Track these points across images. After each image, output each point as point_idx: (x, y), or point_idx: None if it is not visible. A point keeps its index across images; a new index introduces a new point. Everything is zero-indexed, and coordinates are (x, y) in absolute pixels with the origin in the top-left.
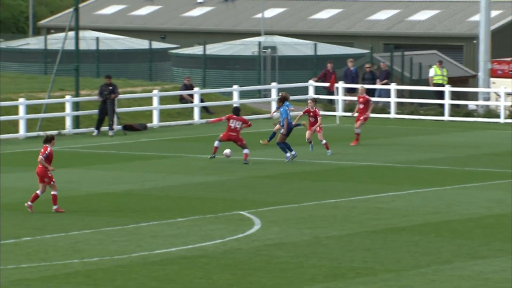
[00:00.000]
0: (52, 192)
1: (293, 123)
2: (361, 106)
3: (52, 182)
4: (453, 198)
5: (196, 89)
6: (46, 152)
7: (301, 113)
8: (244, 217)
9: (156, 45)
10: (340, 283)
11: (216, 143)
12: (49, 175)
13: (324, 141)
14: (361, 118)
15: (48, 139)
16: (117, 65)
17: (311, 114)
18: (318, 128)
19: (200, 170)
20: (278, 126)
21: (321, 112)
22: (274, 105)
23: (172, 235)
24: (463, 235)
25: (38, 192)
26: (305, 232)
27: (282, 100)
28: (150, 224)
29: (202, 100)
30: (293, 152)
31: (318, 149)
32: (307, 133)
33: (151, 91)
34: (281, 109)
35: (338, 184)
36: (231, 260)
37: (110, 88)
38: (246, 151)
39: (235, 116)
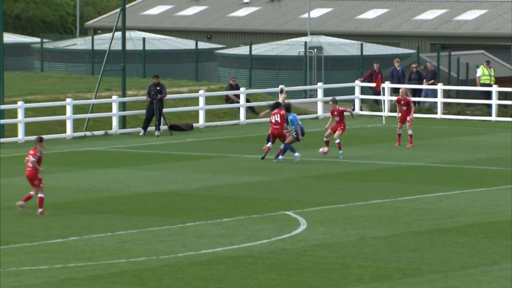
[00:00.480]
0: (39, 195)
1: (325, 127)
2: (404, 108)
3: (41, 184)
4: (500, 199)
5: (242, 89)
6: (37, 154)
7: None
8: (290, 217)
9: (202, 45)
10: (386, 283)
11: (269, 144)
12: (39, 177)
13: (337, 141)
14: (407, 119)
15: (39, 140)
16: (163, 65)
17: (335, 113)
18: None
19: (246, 170)
20: (291, 137)
21: (368, 113)
22: (320, 105)
23: (218, 235)
24: (510, 236)
25: (31, 193)
26: (351, 232)
27: (287, 109)
28: (196, 224)
29: (248, 100)
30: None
31: (362, 150)
32: (336, 133)
33: (197, 91)
34: (290, 117)
35: (384, 185)
36: (277, 260)
37: (158, 88)
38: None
39: (275, 111)
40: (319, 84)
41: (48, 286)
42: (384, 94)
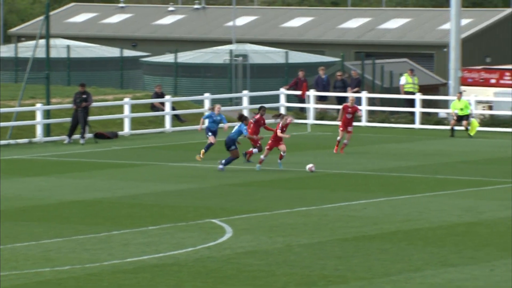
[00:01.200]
0: None
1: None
2: (349, 116)
3: None
4: (424, 206)
5: (167, 97)
6: None
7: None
8: (215, 225)
9: (127, 53)
10: None
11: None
12: None
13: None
14: (349, 129)
15: None
16: (88, 73)
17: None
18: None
19: (172, 178)
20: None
21: (294, 120)
22: (245, 113)
23: (144, 243)
24: (434, 243)
25: None
26: (277, 240)
27: (241, 119)
28: (122, 232)
29: (173, 108)
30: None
31: (288, 158)
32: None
33: (122, 99)
34: (238, 127)
35: (310, 192)
36: (203, 268)
37: (84, 96)
38: (254, 150)
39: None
40: (245, 92)
41: None
42: (309, 102)
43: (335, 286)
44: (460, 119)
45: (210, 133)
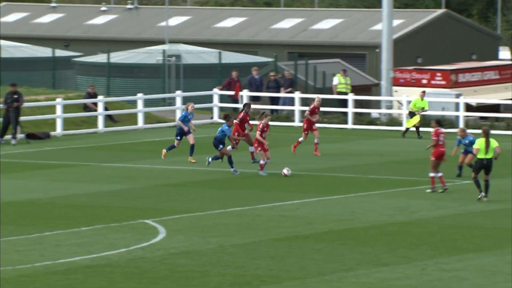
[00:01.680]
0: None
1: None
2: (315, 118)
3: None
4: (356, 206)
5: (100, 97)
6: None
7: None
8: (149, 225)
9: (60, 53)
10: None
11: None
12: None
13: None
14: (314, 127)
15: None
16: (19, 73)
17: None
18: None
19: (105, 179)
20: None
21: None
22: (178, 113)
23: (76, 244)
24: (366, 243)
25: None
26: (210, 240)
27: (225, 118)
28: (54, 233)
29: (106, 109)
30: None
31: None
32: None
33: (54, 99)
34: (221, 127)
35: (243, 192)
36: (136, 269)
37: (15, 96)
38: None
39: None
40: (178, 92)
41: None
42: (242, 102)
43: (269, 286)
44: (412, 115)
45: (179, 137)
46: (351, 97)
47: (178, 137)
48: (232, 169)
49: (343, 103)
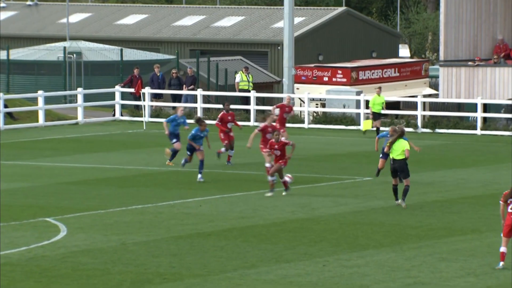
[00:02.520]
0: None
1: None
2: (286, 116)
3: None
4: (258, 203)
5: None
6: None
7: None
8: (50, 224)
9: None
10: None
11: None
12: None
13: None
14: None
15: None
16: None
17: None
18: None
19: (5, 177)
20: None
21: (129, 118)
22: (80, 111)
23: None
24: (268, 240)
25: None
26: (112, 238)
27: (197, 122)
28: None
29: (6, 106)
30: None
31: (123, 156)
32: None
33: None
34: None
35: (145, 190)
36: (36, 267)
37: None
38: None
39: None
40: (79, 89)
41: None
42: (144, 100)
43: (171, 283)
44: (377, 117)
45: (175, 139)
46: (253, 95)
47: (174, 140)
48: (200, 176)
49: (246, 101)
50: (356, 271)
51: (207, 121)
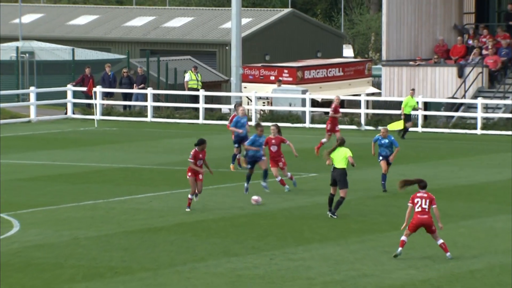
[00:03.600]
0: None
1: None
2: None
3: None
4: (207, 198)
5: None
6: None
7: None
8: (3, 219)
9: None
10: (99, 282)
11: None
12: None
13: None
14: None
15: None
16: None
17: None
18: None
19: None
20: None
21: (81, 116)
22: (33, 109)
23: None
24: (217, 234)
25: None
26: (64, 233)
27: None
28: None
29: None
30: None
31: (75, 153)
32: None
33: None
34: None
35: (96, 186)
36: None
37: None
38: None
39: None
40: (32, 88)
41: None
42: (96, 98)
43: (122, 277)
44: (408, 118)
45: (237, 145)
46: (202, 93)
47: (236, 145)
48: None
49: (195, 99)
50: (302, 264)
51: (158, 120)
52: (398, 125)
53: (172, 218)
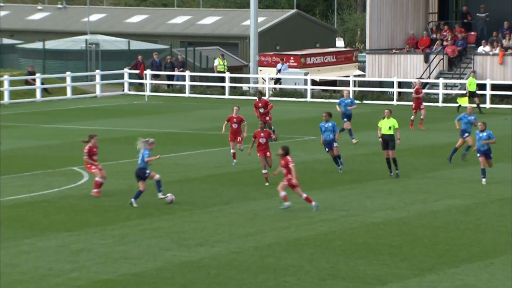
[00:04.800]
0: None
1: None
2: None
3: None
4: (236, 156)
5: (37, 74)
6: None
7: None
8: (75, 171)
9: (6, 41)
10: (148, 219)
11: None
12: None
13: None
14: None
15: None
16: None
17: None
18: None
19: (42, 136)
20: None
21: (134, 93)
22: (98, 87)
23: (20, 185)
24: (239, 183)
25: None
26: (122, 182)
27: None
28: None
29: (42, 83)
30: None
31: (132, 120)
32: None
33: (2, 76)
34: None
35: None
36: (66, 203)
37: None
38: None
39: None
40: (97, 71)
41: None
42: (146, 79)
43: (166, 216)
44: (472, 95)
45: (345, 119)
46: (227, 75)
47: (345, 119)
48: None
49: (222, 79)
50: (304, 206)
51: (194, 95)
52: (463, 101)
53: (204, 171)
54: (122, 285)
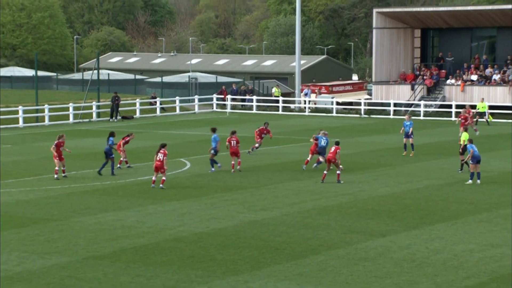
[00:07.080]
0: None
1: None
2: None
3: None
4: (280, 152)
5: (157, 99)
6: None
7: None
8: (181, 162)
9: (138, 77)
10: (213, 198)
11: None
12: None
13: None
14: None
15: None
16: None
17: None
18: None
19: (162, 140)
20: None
21: (220, 110)
22: (196, 107)
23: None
24: (286, 170)
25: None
26: (210, 168)
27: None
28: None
29: (161, 103)
30: (218, 165)
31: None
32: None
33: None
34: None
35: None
36: (176, 184)
37: (116, 97)
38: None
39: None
40: (196, 96)
41: None
42: (227, 101)
43: (231, 192)
44: (480, 114)
45: (405, 137)
46: (281, 98)
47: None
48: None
49: (277, 101)
50: (326, 187)
51: (258, 112)
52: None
53: (265, 161)
54: (211, 236)
